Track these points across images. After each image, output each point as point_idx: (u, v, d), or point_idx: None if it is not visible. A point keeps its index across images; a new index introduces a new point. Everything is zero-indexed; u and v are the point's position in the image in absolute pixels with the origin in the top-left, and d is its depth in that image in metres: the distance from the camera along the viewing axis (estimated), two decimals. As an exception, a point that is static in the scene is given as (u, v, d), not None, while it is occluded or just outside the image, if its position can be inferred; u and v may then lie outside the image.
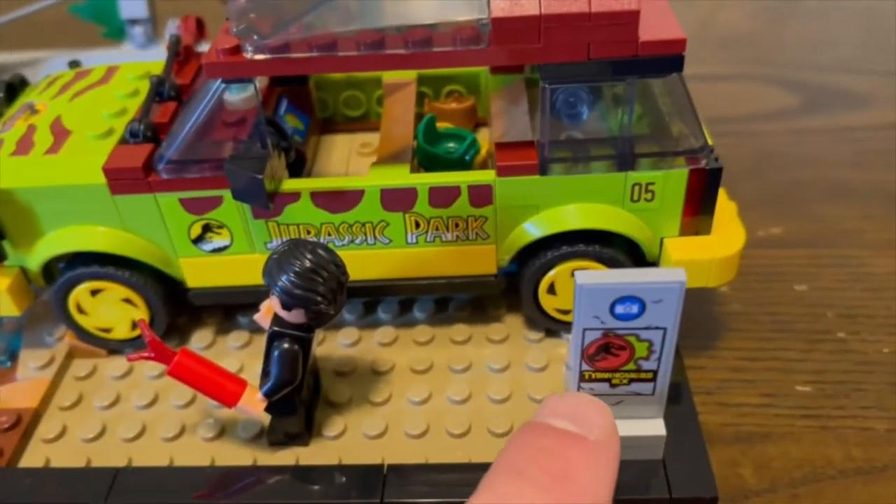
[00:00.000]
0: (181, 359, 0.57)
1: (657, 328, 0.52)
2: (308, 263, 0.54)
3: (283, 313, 0.56)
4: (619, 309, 0.51)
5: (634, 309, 0.51)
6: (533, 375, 0.67)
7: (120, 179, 0.62)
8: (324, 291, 0.55)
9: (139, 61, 0.78)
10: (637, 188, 0.63)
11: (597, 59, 0.56)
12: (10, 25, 1.00)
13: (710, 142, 0.64)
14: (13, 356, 0.73)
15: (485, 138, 0.75)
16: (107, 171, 0.62)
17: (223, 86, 0.59)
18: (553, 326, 0.70)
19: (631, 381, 0.55)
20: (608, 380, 0.55)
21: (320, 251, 0.55)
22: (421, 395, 0.66)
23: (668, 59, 0.57)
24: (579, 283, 0.49)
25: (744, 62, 1.27)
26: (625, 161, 0.62)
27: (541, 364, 0.68)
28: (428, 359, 0.69)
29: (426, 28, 0.56)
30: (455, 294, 0.73)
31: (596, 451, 0.38)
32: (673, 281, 0.49)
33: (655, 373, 0.55)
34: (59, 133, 0.66)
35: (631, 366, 0.54)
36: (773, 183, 0.99)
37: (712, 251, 0.64)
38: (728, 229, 0.67)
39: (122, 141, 0.64)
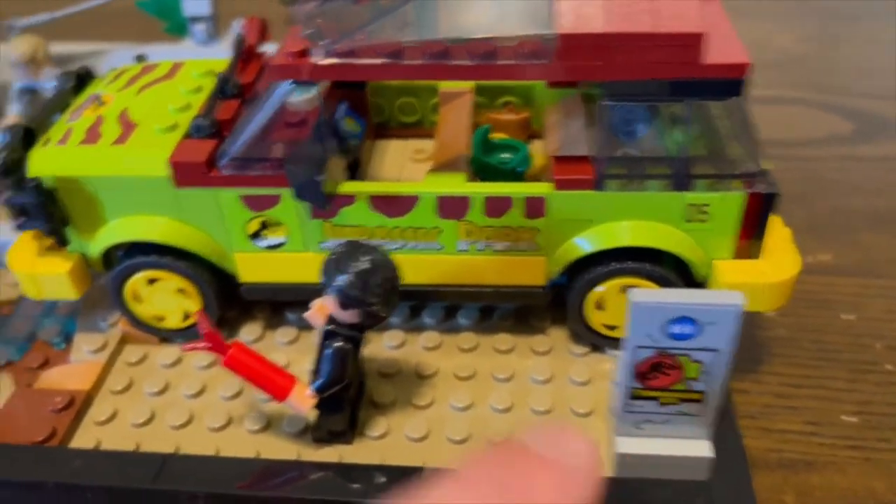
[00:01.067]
0: (235, 351, 0.58)
1: (710, 350, 0.52)
2: (366, 265, 0.55)
3: (338, 313, 0.57)
4: (674, 329, 0.51)
5: (689, 329, 0.51)
6: (576, 389, 0.68)
7: (184, 173, 0.64)
8: (379, 293, 0.56)
9: (200, 58, 0.80)
10: (692, 208, 0.63)
11: (658, 79, 0.56)
12: (76, 16, 1.02)
13: (767, 166, 0.64)
14: (68, 338, 0.75)
15: (538, 150, 0.75)
16: (172, 163, 0.63)
17: (288, 87, 0.60)
18: (598, 342, 0.70)
19: (680, 400, 0.56)
20: (657, 398, 0.56)
21: (377, 254, 0.56)
22: (463, 401, 0.66)
23: (730, 83, 0.57)
24: (634, 301, 0.50)
25: (796, 86, 1.27)
26: (681, 181, 0.62)
27: (584, 378, 0.68)
28: (471, 366, 0.70)
29: (490, 41, 0.57)
30: (501, 303, 0.73)
31: (567, 476, 0.36)
32: (730, 304, 0.49)
33: (705, 394, 0.55)
34: (126, 125, 0.68)
35: (681, 385, 0.54)
36: (823, 209, 0.98)
37: (765, 276, 0.64)
38: (782, 255, 0.66)
39: (187, 135, 0.66)
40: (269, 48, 0.79)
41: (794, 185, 1.02)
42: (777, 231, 0.67)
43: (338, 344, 0.57)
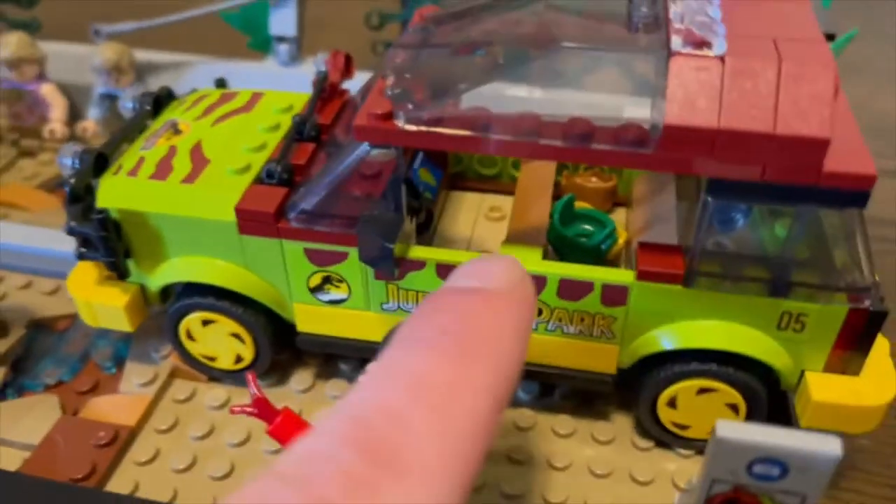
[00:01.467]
0: (283, 420, 0.55)
1: (796, 494, 0.47)
2: None
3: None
4: (758, 468, 0.46)
5: (775, 472, 0.46)
6: (637, 490, 0.63)
7: (250, 221, 0.61)
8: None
9: (281, 89, 0.77)
10: (787, 317, 0.58)
11: (772, 183, 0.51)
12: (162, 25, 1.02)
13: (876, 278, 0.58)
14: (119, 363, 0.74)
15: (621, 221, 0.71)
16: (239, 211, 0.61)
17: (369, 149, 0.57)
18: (666, 438, 0.66)
19: (753, 537, 0.50)
20: (728, 531, 0.51)
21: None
22: (515, 489, 0.62)
23: (853, 194, 0.51)
24: (719, 436, 0.45)
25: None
26: (779, 287, 0.56)
27: (647, 478, 0.63)
28: (527, 449, 0.66)
29: (588, 121, 0.53)
30: (566, 385, 0.69)
31: (496, 300, 0.33)
32: (827, 452, 0.44)
33: (782, 535, 0.50)
34: (198, 161, 0.66)
35: (757, 523, 0.49)
36: (924, 303, 0.90)
37: (861, 397, 0.58)
38: (879, 372, 0.60)
39: (258, 180, 0.64)
40: (353, 84, 0.76)
41: (890, 273, 0.94)
42: (876, 343, 0.61)
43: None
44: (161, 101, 0.75)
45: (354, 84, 0.75)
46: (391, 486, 0.26)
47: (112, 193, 0.64)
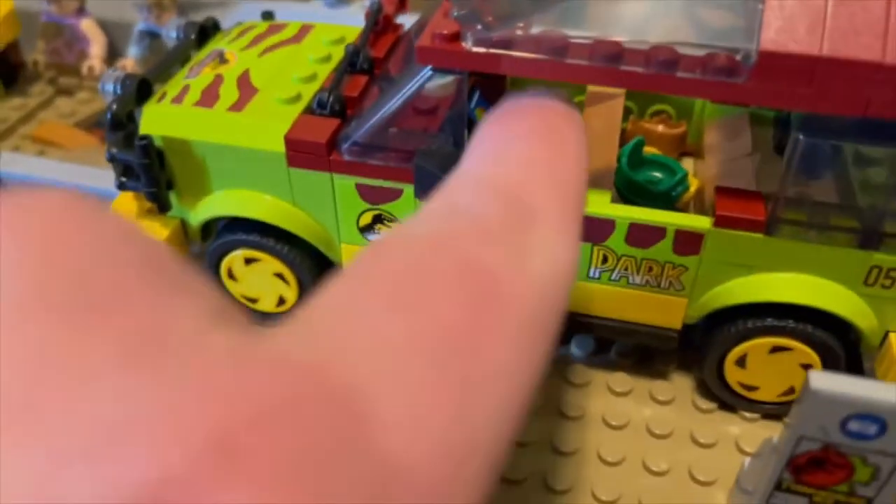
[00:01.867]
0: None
1: (892, 455, 0.43)
2: None
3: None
4: (853, 425, 0.42)
5: (872, 429, 0.42)
6: (698, 452, 0.60)
7: (300, 152, 0.58)
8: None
9: (329, 22, 0.74)
10: (876, 271, 0.53)
11: (875, 118, 0.47)
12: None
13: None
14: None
15: (691, 172, 0.66)
16: (288, 141, 0.57)
17: (431, 73, 0.53)
18: (731, 400, 0.62)
19: (837, 502, 0.47)
20: (810, 495, 0.47)
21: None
22: (570, 445, 0.59)
23: (966, 134, 0.47)
24: (813, 388, 0.41)
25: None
26: (870, 238, 0.52)
27: (709, 440, 0.60)
28: (581, 405, 0.62)
29: (674, 47, 0.48)
30: (625, 340, 0.65)
31: (564, 113, 0.30)
32: (938, 412, 0.40)
33: (870, 500, 0.46)
34: (246, 89, 0.62)
35: (844, 487, 0.46)
36: None
37: (952, 362, 0.54)
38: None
39: (309, 110, 0.60)
40: (407, 19, 0.72)
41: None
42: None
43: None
44: (206, 31, 0.72)
45: (409, 21, 0.71)
46: (536, 230, 0.25)
47: (156, 120, 0.61)
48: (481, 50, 0.50)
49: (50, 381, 0.17)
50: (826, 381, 0.41)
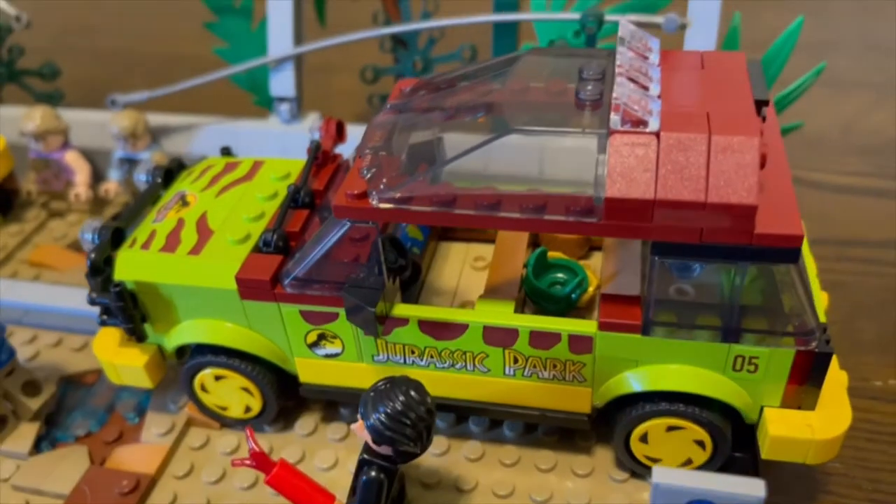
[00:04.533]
0: (279, 471, 0.62)
1: (732, 529, 0.52)
2: (399, 406, 0.58)
3: (372, 445, 0.60)
4: (696, 508, 0.51)
5: (712, 511, 0.51)
6: (612, 520, 0.68)
7: (249, 288, 0.68)
8: (411, 434, 0.58)
9: (285, 144, 0.84)
10: (740, 360, 0.63)
11: (709, 243, 0.57)
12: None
13: (823, 320, 0.63)
14: (141, 413, 0.81)
15: (596, 266, 0.76)
16: (239, 280, 0.68)
17: (349, 224, 0.63)
18: (640, 470, 0.71)
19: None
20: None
21: (413, 393, 0.59)
22: (500, 522, 0.68)
23: (784, 252, 0.56)
24: (656, 482, 0.50)
25: (886, 177, 1.21)
26: (729, 333, 0.62)
27: (622, 508, 0.69)
28: (511, 483, 0.71)
29: (542, 195, 0.58)
30: (545, 424, 0.75)
31: None
32: (751, 496, 0.49)
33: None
34: (203, 232, 0.72)
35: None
36: (900, 325, 0.94)
37: (813, 431, 0.63)
38: (834, 405, 0.65)
39: (256, 248, 0.70)
40: (344, 150, 0.83)
41: (871, 294, 0.98)
42: (832, 376, 0.66)
43: (372, 474, 0.60)
44: (172, 172, 0.82)
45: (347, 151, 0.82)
46: None
47: (127, 266, 0.71)
48: (385, 206, 0.60)
49: None
50: (666, 476, 0.50)
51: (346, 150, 0.84)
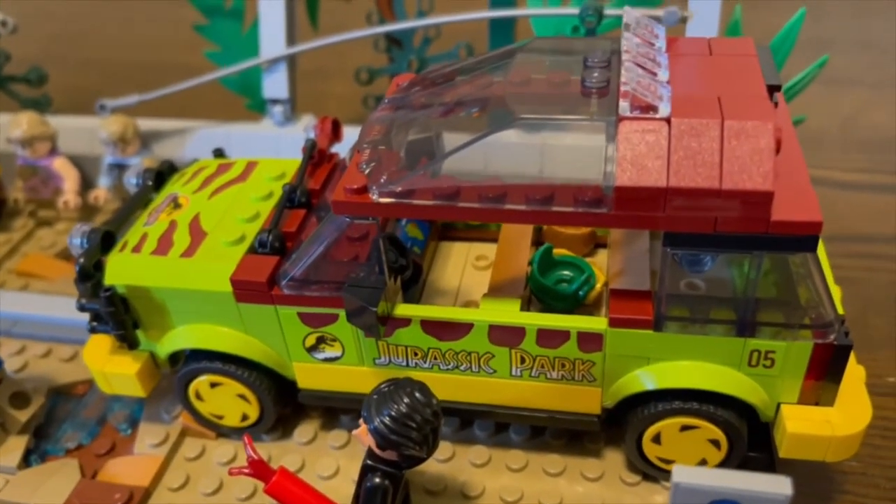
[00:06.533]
0: (279, 479, 0.59)
1: (757, 530, 0.50)
2: (404, 409, 0.55)
3: (376, 450, 0.57)
4: (719, 508, 0.49)
5: (735, 511, 0.49)
6: (626, 524, 0.66)
7: (245, 291, 0.65)
8: (416, 438, 0.56)
9: (279, 147, 0.82)
10: (756, 354, 0.60)
11: (723, 232, 0.54)
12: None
13: (841, 312, 0.60)
14: (133, 424, 0.78)
15: (602, 263, 0.74)
16: (234, 282, 0.65)
17: (349, 220, 0.61)
18: (653, 472, 0.68)
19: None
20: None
21: (418, 395, 0.56)
22: (509, 529, 0.65)
23: (801, 240, 0.54)
24: (676, 481, 0.48)
25: (893, 172, 1.19)
26: (745, 327, 0.59)
27: (635, 512, 0.66)
28: (519, 489, 0.69)
29: (549, 185, 0.56)
30: (553, 426, 0.72)
31: None
32: (778, 494, 0.47)
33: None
34: (196, 234, 0.70)
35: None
36: (913, 321, 0.92)
37: (833, 428, 0.61)
38: (853, 400, 0.63)
39: (251, 249, 0.68)
40: (340, 149, 0.81)
41: (880, 290, 0.96)
42: (850, 371, 0.64)
43: (376, 480, 0.57)
44: (163, 175, 0.80)
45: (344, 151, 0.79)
46: None
47: (118, 270, 0.68)
48: (386, 200, 0.58)
49: None
50: (687, 475, 0.48)
51: (342, 149, 0.81)
